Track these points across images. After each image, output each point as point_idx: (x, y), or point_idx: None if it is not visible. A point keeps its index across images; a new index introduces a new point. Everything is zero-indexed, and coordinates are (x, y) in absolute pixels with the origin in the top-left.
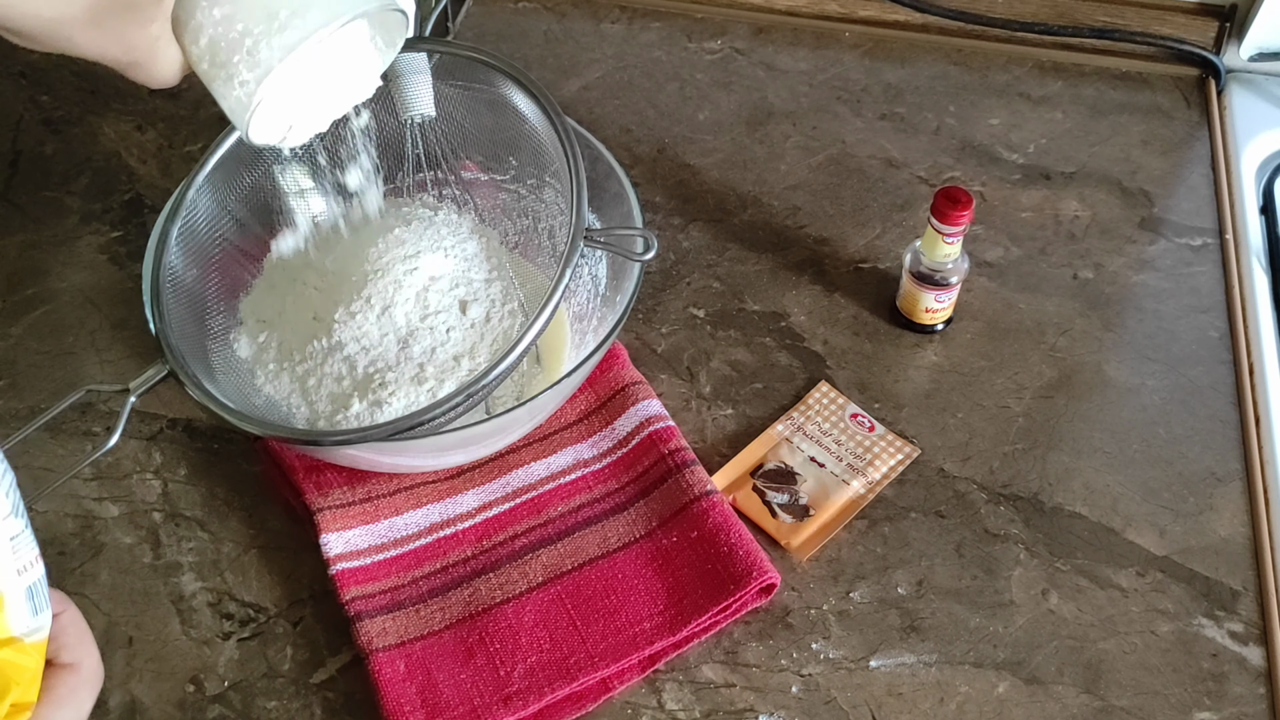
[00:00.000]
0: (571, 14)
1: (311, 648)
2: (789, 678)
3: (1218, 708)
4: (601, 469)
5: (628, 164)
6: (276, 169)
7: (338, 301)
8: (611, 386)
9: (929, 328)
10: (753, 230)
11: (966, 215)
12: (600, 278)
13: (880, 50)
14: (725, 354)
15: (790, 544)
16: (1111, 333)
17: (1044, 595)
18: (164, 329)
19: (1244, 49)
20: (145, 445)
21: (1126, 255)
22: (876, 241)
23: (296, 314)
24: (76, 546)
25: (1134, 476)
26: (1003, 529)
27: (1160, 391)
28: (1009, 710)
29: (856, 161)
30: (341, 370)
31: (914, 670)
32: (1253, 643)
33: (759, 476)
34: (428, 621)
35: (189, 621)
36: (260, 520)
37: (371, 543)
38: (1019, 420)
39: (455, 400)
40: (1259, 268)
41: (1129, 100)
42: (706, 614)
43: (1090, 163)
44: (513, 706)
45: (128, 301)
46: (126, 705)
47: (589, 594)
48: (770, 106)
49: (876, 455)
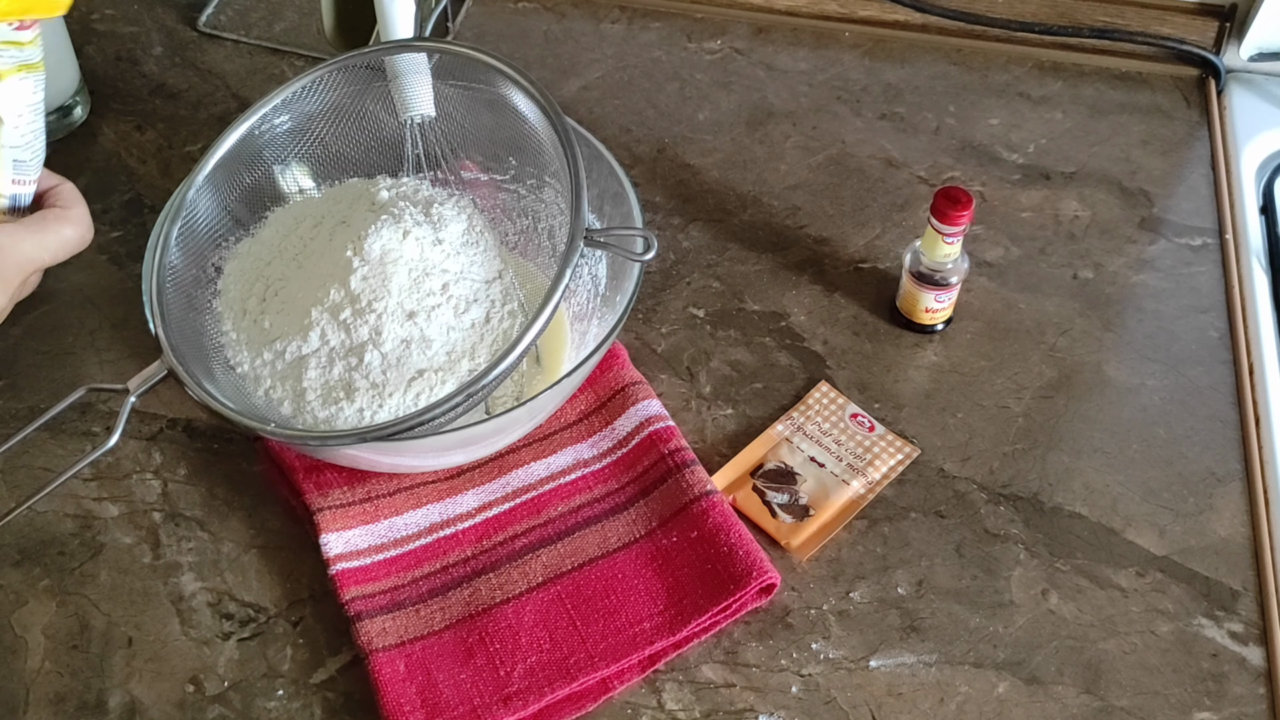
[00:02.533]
0: (571, 14)
1: (311, 648)
2: (789, 678)
3: (1218, 708)
4: (601, 469)
5: (628, 164)
6: (277, 169)
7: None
8: (611, 386)
9: (929, 328)
10: (753, 230)
11: (966, 215)
12: (600, 278)
13: (880, 50)
14: (725, 354)
15: (790, 544)
16: (1111, 333)
17: (1044, 595)
18: (164, 329)
19: (1244, 49)
20: (145, 445)
21: (1126, 255)
22: (876, 241)
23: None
24: (76, 546)
25: (1134, 476)
26: (1003, 529)
27: (1160, 391)
28: (1009, 710)
29: (856, 161)
30: (336, 369)
31: (914, 670)
32: (1253, 643)
33: (759, 476)
34: (428, 621)
35: (189, 621)
36: (260, 520)
37: (371, 543)
38: (1019, 420)
39: (455, 400)
40: (1259, 268)
41: (1129, 100)
42: (706, 614)
43: (1090, 163)
44: (513, 706)
45: (127, 301)
46: (126, 705)
47: (589, 594)
48: (770, 106)
49: (876, 455)
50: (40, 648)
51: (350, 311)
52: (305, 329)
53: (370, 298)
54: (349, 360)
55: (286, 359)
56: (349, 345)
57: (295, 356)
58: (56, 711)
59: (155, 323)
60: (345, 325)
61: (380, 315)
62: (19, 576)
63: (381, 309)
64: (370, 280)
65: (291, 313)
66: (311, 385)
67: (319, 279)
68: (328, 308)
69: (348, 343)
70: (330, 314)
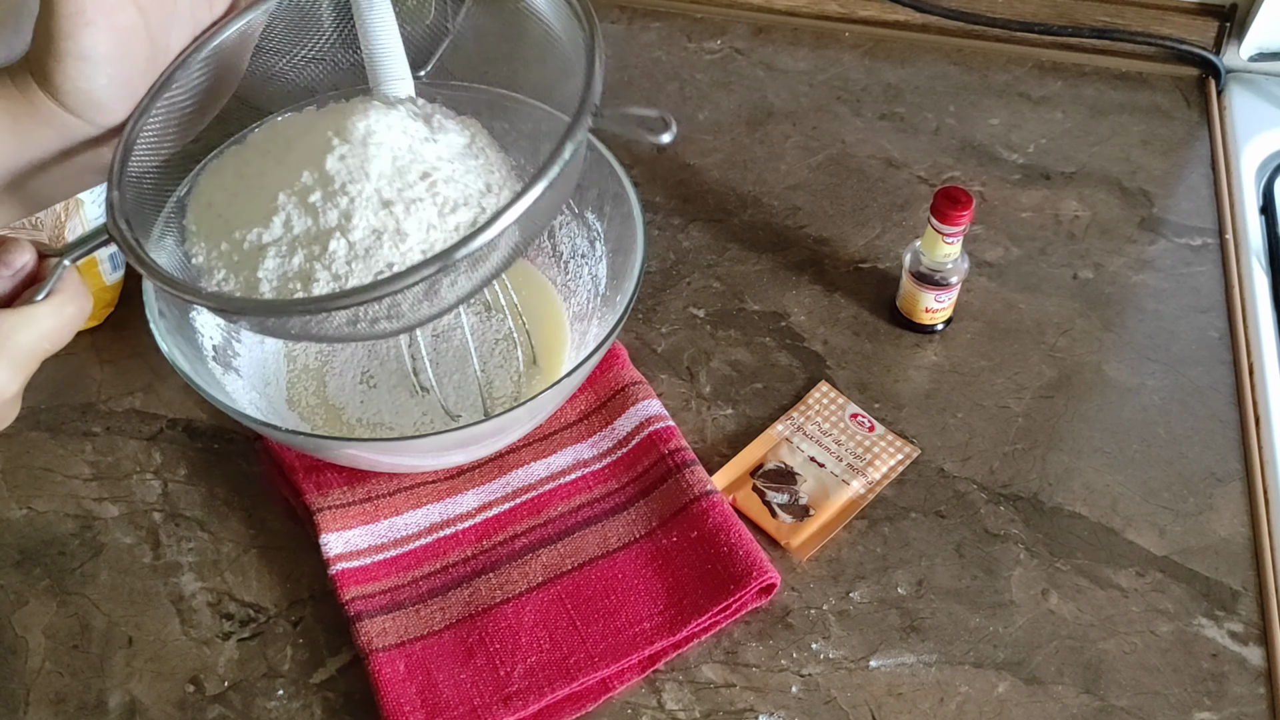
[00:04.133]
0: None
1: (311, 648)
2: (789, 678)
3: (1218, 708)
4: (601, 469)
5: (628, 164)
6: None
7: (298, 180)
8: (611, 386)
9: (929, 328)
10: (753, 230)
11: (966, 215)
12: (600, 278)
13: (880, 50)
14: (725, 354)
15: (790, 544)
16: (1111, 333)
17: (1044, 595)
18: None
19: (1244, 49)
20: (145, 445)
21: (1126, 255)
22: (876, 241)
23: (251, 198)
24: (76, 546)
25: (1134, 476)
26: (1003, 529)
27: (1160, 391)
28: (1009, 710)
29: (856, 161)
30: (297, 259)
31: (914, 670)
32: (1253, 643)
33: (759, 476)
34: (428, 621)
35: (189, 621)
36: (260, 520)
37: (371, 543)
38: (1019, 420)
39: (423, 272)
40: (1259, 268)
41: (1129, 100)
42: (706, 614)
43: (1090, 163)
44: (513, 706)
45: (127, 301)
46: (126, 705)
47: (589, 594)
48: (770, 106)
49: (876, 455)
50: (40, 648)
51: (321, 194)
52: (269, 215)
53: (345, 179)
54: (311, 249)
55: (245, 249)
56: (314, 232)
57: (254, 245)
58: (56, 711)
59: (111, 185)
60: (313, 209)
61: (354, 200)
62: (19, 576)
63: (356, 193)
64: (348, 161)
65: (257, 200)
66: (267, 275)
67: (294, 167)
68: (296, 190)
69: (313, 229)
70: (299, 197)
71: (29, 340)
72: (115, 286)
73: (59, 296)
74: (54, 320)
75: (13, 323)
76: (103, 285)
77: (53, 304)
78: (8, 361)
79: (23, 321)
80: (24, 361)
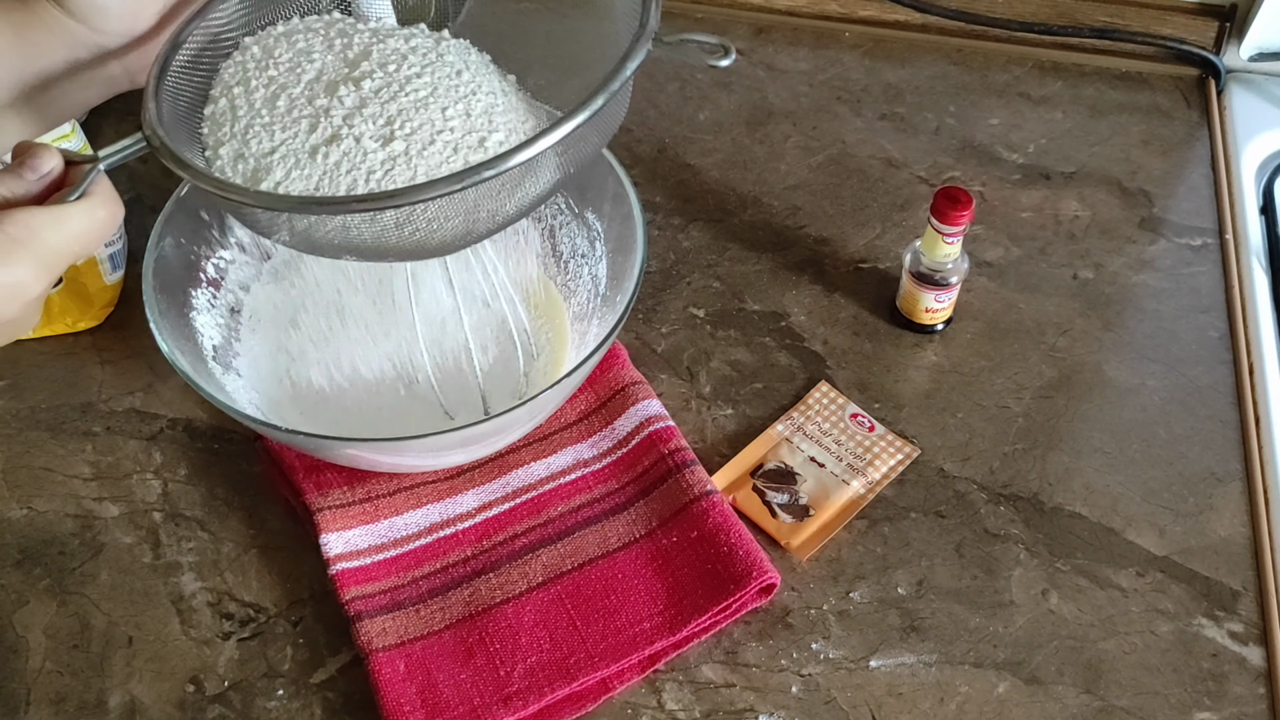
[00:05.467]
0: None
1: (311, 648)
2: (789, 678)
3: (1218, 708)
4: (601, 469)
5: (628, 164)
6: None
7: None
8: (611, 386)
9: (929, 328)
10: (753, 230)
11: (966, 215)
12: (600, 278)
13: (880, 50)
14: (725, 354)
15: (790, 544)
16: (1111, 333)
17: (1044, 595)
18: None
19: (1244, 49)
20: (145, 445)
21: (1126, 255)
22: (876, 241)
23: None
24: (76, 546)
25: (1134, 476)
26: (1003, 529)
27: (1160, 391)
28: (1009, 710)
29: (856, 161)
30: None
31: (914, 670)
32: (1253, 643)
33: (759, 476)
34: (428, 621)
35: (189, 621)
36: (260, 520)
37: (371, 543)
38: (1019, 420)
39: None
40: (1259, 268)
41: (1129, 100)
42: (706, 614)
43: (1090, 163)
44: (513, 706)
45: (127, 301)
46: (126, 705)
47: (589, 594)
48: (770, 106)
49: (876, 455)
50: (41, 647)
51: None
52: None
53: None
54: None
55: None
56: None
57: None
58: (57, 711)
59: (148, 97)
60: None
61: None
62: (19, 576)
63: (406, 96)
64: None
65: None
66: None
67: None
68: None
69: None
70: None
71: (58, 240)
72: (115, 286)
73: (91, 199)
74: (85, 221)
75: (42, 220)
76: (103, 285)
77: (85, 205)
78: (34, 259)
79: (53, 220)
80: (52, 261)
